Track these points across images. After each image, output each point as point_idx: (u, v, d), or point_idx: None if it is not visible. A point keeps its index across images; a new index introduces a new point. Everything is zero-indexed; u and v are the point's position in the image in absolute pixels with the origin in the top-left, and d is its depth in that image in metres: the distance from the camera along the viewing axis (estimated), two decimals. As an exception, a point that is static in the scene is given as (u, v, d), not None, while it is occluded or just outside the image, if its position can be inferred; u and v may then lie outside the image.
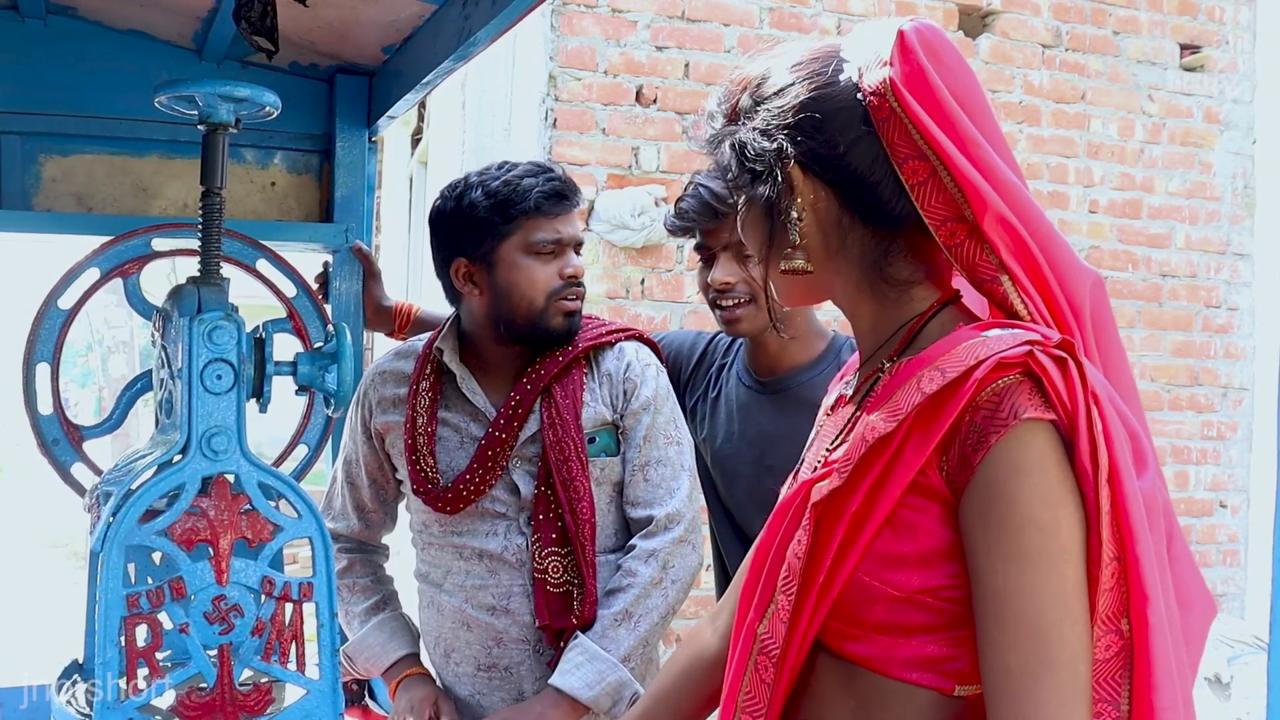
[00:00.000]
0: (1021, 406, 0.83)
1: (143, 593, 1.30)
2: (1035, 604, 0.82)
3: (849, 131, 0.93)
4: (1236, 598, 4.85)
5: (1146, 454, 0.87)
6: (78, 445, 1.94)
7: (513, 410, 1.70)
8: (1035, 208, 0.93)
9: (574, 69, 3.93)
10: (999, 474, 0.83)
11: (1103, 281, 0.96)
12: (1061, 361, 0.85)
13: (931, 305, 0.96)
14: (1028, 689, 0.81)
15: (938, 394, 0.86)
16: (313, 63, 2.20)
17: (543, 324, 1.71)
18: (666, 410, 1.76)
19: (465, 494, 1.70)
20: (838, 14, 4.24)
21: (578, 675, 1.61)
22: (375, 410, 1.82)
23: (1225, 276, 4.83)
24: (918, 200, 0.91)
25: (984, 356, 0.85)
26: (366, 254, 2.19)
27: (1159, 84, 4.73)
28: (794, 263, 0.97)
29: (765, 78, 0.98)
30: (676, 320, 4.05)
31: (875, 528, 0.88)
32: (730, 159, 1.00)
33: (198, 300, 1.39)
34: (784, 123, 0.95)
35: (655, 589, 1.67)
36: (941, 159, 0.89)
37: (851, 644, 0.92)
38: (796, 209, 0.95)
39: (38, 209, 2.08)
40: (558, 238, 1.71)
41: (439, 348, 1.78)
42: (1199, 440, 4.79)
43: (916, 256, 0.96)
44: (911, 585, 0.88)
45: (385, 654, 1.78)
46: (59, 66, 2.06)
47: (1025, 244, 0.91)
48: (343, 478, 1.89)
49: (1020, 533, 0.82)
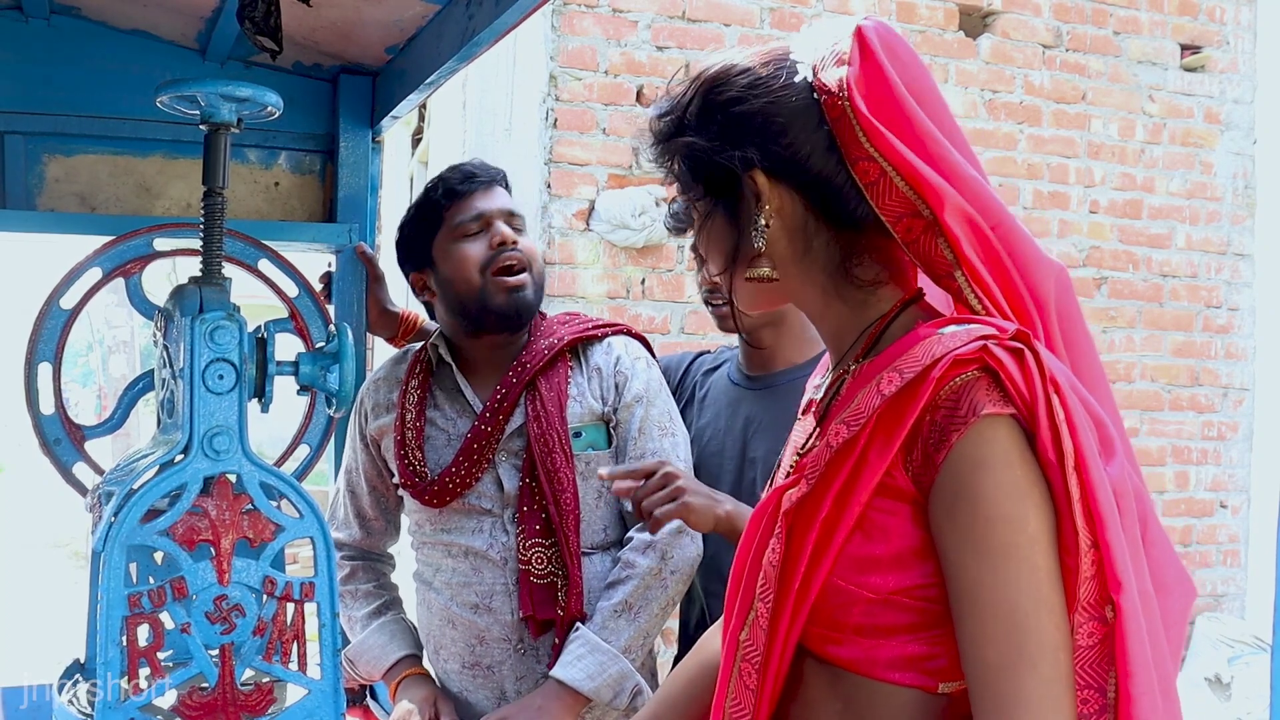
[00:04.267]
0: (980, 403, 0.83)
1: (144, 592, 1.30)
2: (1009, 597, 0.82)
3: (810, 133, 0.93)
4: (1237, 598, 4.85)
5: (1114, 441, 0.87)
6: (79, 445, 1.94)
7: (498, 404, 1.72)
8: (996, 202, 0.93)
9: (575, 69, 3.93)
10: (962, 471, 0.83)
11: (1067, 273, 0.96)
12: (1018, 353, 0.85)
13: (894, 305, 0.96)
14: (1009, 682, 0.81)
15: (897, 396, 0.86)
16: (316, 63, 2.20)
17: (488, 304, 1.73)
18: (660, 403, 1.77)
19: (451, 486, 1.71)
20: (838, 14, 4.25)
21: (579, 667, 1.61)
22: (370, 417, 1.85)
23: (1226, 277, 4.83)
24: (872, 199, 0.91)
25: (939, 355, 0.85)
26: (370, 256, 2.19)
27: (1160, 84, 4.73)
28: (760, 270, 0.96)
29: (716, 84, 0.96)
30: (677, 320, 4.05)
31: (846, 532, 0.88)
32: (684, 170, 0.99)
33: (200, 300, 1.39)
34: (745, 129, 0.94)
35: (655, 580, 1.67)
36: (890, 161, 0.89)
37: (833, 647, 0.92)
38: (765, 216, 0.95)
39: (41, 209, 2.09)
40: (478, 213, 1.75)
41: (434, 344, 1.82)
42: (1199, 440, 4.78)
43: (879, 257, 0.96)
44: (887, 587, 0.88)
45: (385, 656, 1.79)
46: (62, 66, 2.06)
47: (985, 236, 0.91)
48: (344, 486, 1.91)
49: (988, 527, 0.82)
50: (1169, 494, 4.72)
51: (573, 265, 3.94)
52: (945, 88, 4.39)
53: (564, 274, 3.93)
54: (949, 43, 4.42)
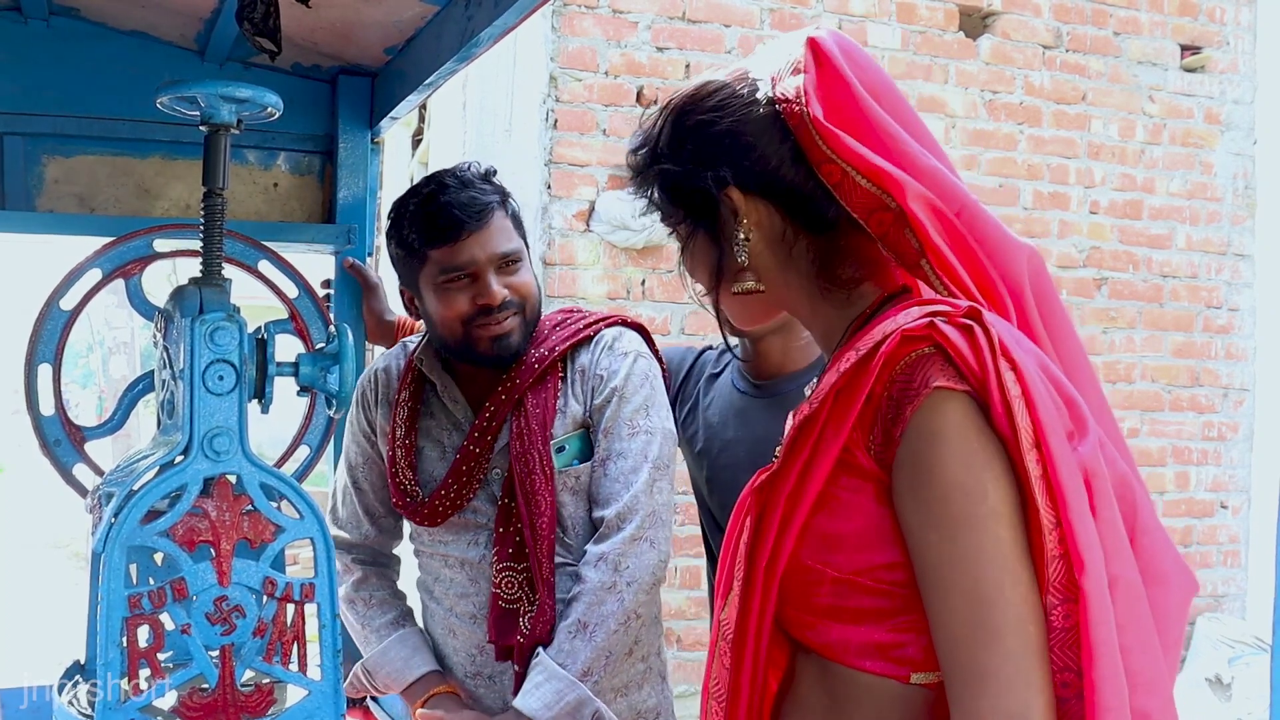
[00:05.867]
0: (933, 376, 0.85)
1: (144, 593, 1.30)
2: (971, 570, 0.82)
3: (777, 145, 0.96)
4: (1237, 598, 4.85)
5: (1085, 420, 0.87)
6: (79, 446, 1.94)
7: (487, 423, 1.66)
8: (960, 189, 0.95)
9: (575, 70, 3.93)
10: (919, 444, 0.84)
11: (1039, 255, 0.98)
12: (967, 329, 0.85)
13: (875, 301, 0.99)
14: (976, 656, 0.81)
15: (850, 370, 0.89)
16: (315, 64, 2.20)
17: (472, 350, 1.65)
18: (637, 399, 1.67)
19: (442, 509, 1.67)
20: (838, 14, 4.25)
21: (536, 695, 1.55)
22: (374, 409, 1.80)
23: (1226, 277, 4.83)
24: (841, 198, 0.94)
25: (889, 331, 0.87)
26: (360, 269, 2.17)
27: (1160, 85, 4.73)
28: (745, 284, 0.99)
29: (683, 111, 1.00)
30: (677, 321, 4.05)
31: (809, 507, 0.90)
32: (662, 198, 1.03)
33: (200, 301, 1.39)
34: (715, 150, 0.97)
35: (608, 594, 1.58)
36: (848, 161, 0.92)
37: (810, 632, 0.93)
38: (744, 230, 0.98)
39: (40, 210, 2.09)
40: (467, 261, 1.62)
41: (420, 357, 1.75)
42: (1200, 441, 4.78)
43: (856, 256, 0.99)
44: (851, 566, 0.89)
45: (408, 669, 1.72)
46: (61, 67, 2.06)
47: (950, 222, 0.93)
48: (347, 482, 1.84)
49: (946, 499, 0.83)
50: (1169, 494, 4.71)
51: (573, 266, 3.94)
52: (945, 88, 4.39)
53: (564, 275, 3.93)
54: (949, 43, 4.42)
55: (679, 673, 3.82)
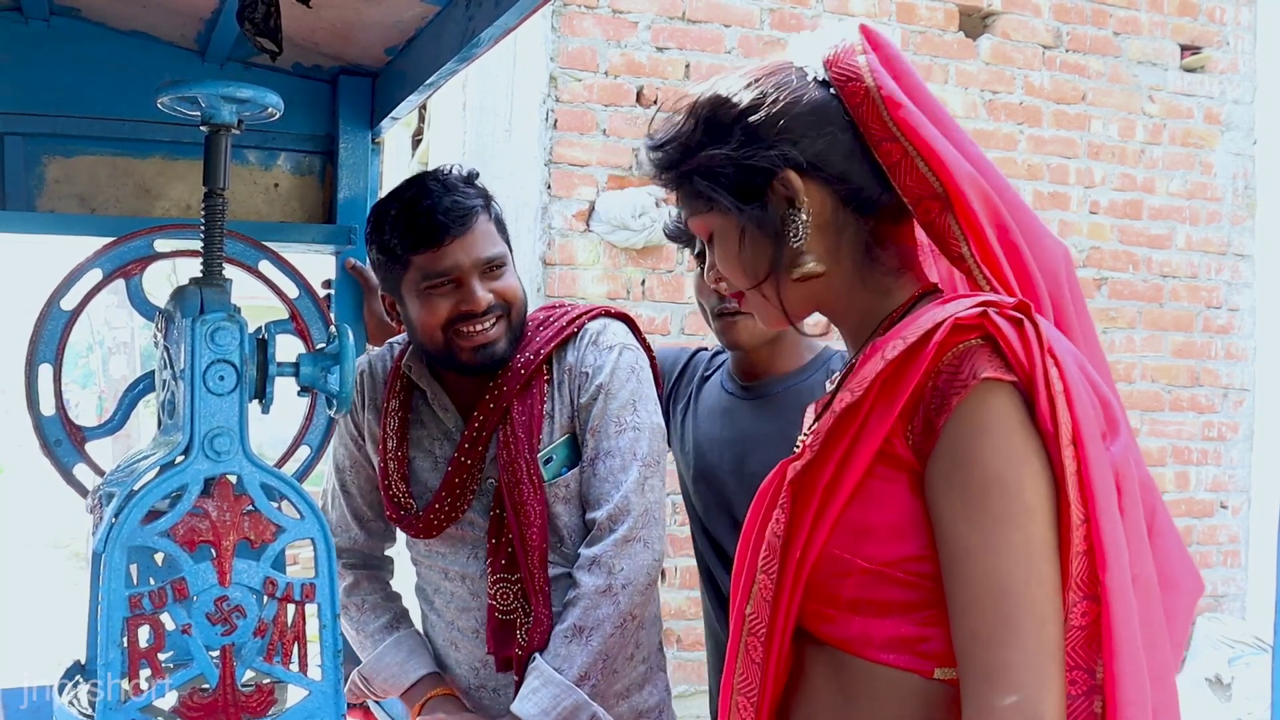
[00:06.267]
0: (981, 367, 0.84)
1: (145, 594, 1.30)
2: (1001, 564, 0.82)
3: (832, 127, 0.95)
4: (1237, 598, 4.85)
5: (1119, 421, 0.88)
6: (80, 446, 1.94)
7: (476, 433, 1.64)
8: (1004, 180, 0.96)
9: (575, 70, 3.93)
10: (961, 434, 0.84)
11: (1070, 254, 0.98)
12: (1017, 322, 0.86)
13: (912, 295, 0.99)
14: (994, 651, 0.81)
15: (899, 359, 0.88)
16: (316, 64, 2.20)
17: (453, 358, 1.62)
18: (623, 394, 1.64)
19: (437, 522, 1.65)
20: (838, 14, 4.25)
21: (533, 701, 1.54)
22: (362, 411, 1.78)
23: (1226, 277, 4.83)
24: (895, 180, 0.94)
25: (941, 319, 0.87)
26: (361, 269, 2.17)
27: (1160, 85, 4.73)
28: (808, 268, 0.97)
29: (719, 103, 0.98)
30: (677, 321, 4.05)
31: (845, 498, 0.89)
32: (706, 186, 0.99)
33: (200, 301, 1.39)
34: (768, 133, 0.96)
35: (604, 598, 1.57)
36: (912, 141, 0.92)
37: (828, 626, 0.92)
38: (806, 211, 0.96)
39: (41, 210, 2.09)
40: (451, 267, 1.59)
41: (408, 364, 1.72)
42: (1200, 441, 4.78)
43: (897, 245, 0.99)
44: (881, 557, 0.88)
45: (405, 673, 1.71)
46: (62, 68, 2.06)
47: (997, 209, 0.93)
48: (336, 486, 1.82)
49: (985, 493, 0.83)
50: (1169, 494, 4.71)
51: (573, 266, 3.94)
52: (945, 88, 4.39)
53: (564, 275, 3.93)
54: (949, 43, 4.42)
55: (679, 673, 3.82)
